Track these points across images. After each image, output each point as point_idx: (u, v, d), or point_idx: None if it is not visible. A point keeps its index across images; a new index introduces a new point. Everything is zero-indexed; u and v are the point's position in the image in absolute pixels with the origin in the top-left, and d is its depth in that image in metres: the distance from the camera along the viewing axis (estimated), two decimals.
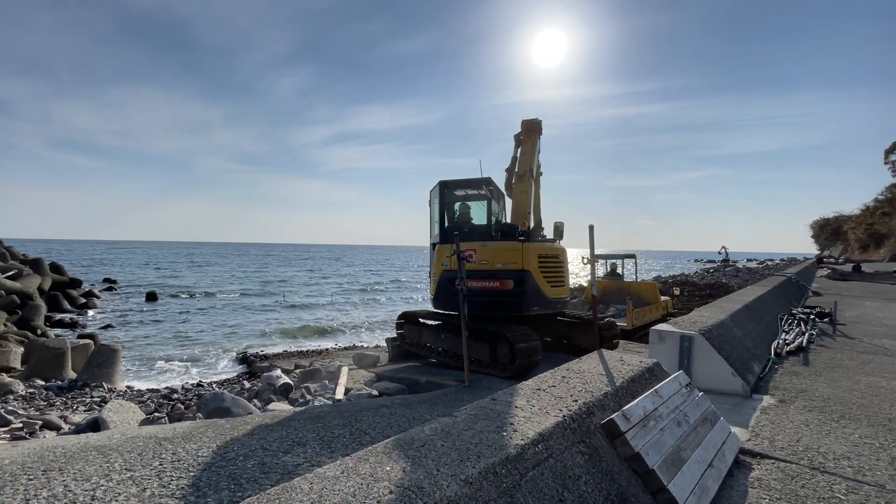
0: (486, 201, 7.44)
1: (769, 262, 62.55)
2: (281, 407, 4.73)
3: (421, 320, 7.77)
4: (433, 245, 7.63)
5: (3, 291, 16.31)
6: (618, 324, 8.47)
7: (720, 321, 5.56)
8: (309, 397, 5.32)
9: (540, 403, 2.51)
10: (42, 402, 7.79)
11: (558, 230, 7.32)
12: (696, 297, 18.86)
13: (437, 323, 7.49)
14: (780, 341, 6.52)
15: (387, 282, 45.32)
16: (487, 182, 7.24)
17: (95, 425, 4.42)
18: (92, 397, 8.22)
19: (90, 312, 22.47)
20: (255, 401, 5.32)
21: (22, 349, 11.22)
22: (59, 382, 9.36)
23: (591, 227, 5.55)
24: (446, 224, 7.53)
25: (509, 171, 7.71)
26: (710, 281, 27.92)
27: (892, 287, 18.06)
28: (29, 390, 8.42)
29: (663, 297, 12.02)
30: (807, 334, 7.19)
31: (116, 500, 2.20)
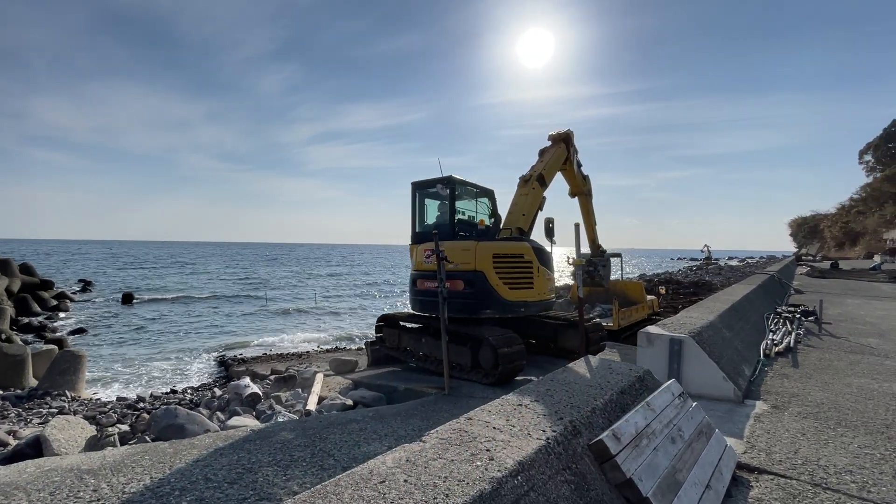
0: (446, 201, 7.22)
1: (749, 260, 63.62)
2: (244, 421, 4.37)
3: (401, 323, 7.47)
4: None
5: None
6: (604, 324, 8.27)
7: (709, 322, 5.37)
8: (278, 408, 4.97)
9: (521, 423, 2.24)
10: None
11: (549, 227, 7.07)
12: (680, 295, 18.87)
13: (417, 326, 7.20)
14: (769, 342, 6.37)
15: (373, 283, 44.81)
16: (445, 181, 6.92)
17: (37, 445, 4.01)
18: (51, 407, 7.72)
19: (62, 315, 21.62)
20: (218, 414, 4.94)
21: None
22: (18, 391, 8.82)
23: (577, 226, 5.36)
24: (420, 224, 7.38)
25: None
26: (694, 279, 28.13)
27: (870, 284, 18.34)
28: None
29: (649, 297, 11.89)
30: (793, 334, 7.07)
31: None
